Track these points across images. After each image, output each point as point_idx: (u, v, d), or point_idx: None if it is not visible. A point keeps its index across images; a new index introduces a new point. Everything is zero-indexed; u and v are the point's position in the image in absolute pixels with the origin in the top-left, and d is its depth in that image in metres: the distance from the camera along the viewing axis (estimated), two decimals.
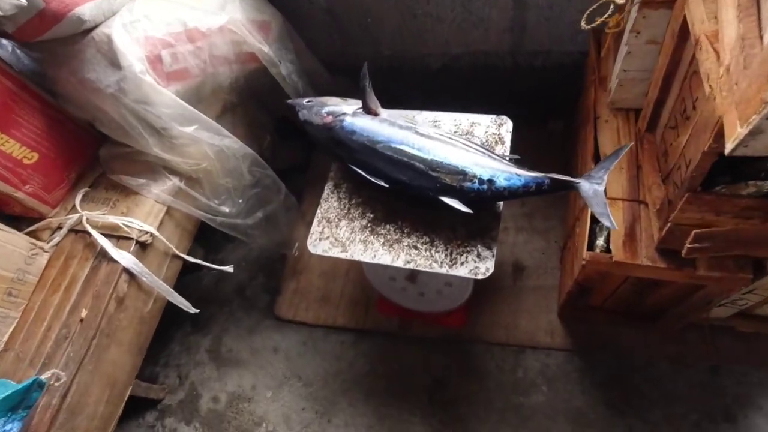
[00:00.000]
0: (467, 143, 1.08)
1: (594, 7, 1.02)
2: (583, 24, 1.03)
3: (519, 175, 1.00)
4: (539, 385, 1.39)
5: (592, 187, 0.94)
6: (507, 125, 1.25)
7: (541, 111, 1.77)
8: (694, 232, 0.83)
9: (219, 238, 1.82)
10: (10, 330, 1.09)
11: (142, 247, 1.19)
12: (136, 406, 1.60)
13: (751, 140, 0.56)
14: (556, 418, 1.34)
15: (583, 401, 1.35)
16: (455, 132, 1.26)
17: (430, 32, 1.57)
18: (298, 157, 1.97)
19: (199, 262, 1.38)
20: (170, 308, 1.34)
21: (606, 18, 1.01)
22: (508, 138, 1.23)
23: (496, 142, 1.23)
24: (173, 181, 1.26)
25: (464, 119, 1.28)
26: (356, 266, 1.69)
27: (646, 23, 0.97)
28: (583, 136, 1.32)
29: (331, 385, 1.52)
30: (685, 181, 0.83)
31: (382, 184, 1.10)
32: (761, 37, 0.59)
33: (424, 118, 1.28)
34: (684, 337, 1.37)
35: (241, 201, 1.43)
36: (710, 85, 0.70)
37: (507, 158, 1.07)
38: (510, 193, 1.01)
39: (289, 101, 1.29)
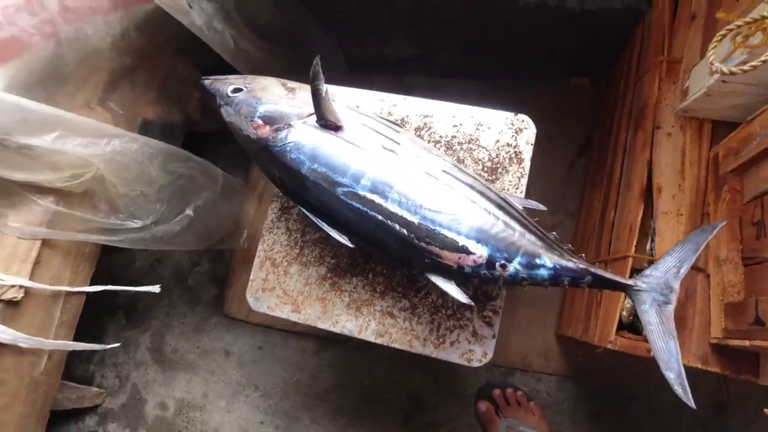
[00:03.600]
0: (473, 186, 0.71)
1: None
2: None
3: (548, 261, 0.68)
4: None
5: (654, 300, 0.63)
6: (529, 132, 0.87)
7: (565, 63, 1.33)
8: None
9: None
10: None
11: (11, 305, 0.86)
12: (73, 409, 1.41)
13: None
14: None
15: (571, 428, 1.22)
16: (453, 138, 0.87)
17: None
18: None
19: (110, 288, 1.06)
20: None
21: None
22: (527, 154, 0.86)
23: (511, 159, 0.86)
24: (44, 205, 0.87)
25: (467, 117, 0.88)
26: None
27: None
28: (626, 146, 0.95)
29: (292, 398, 1.35)
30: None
31: (345, 242, 0.75)
32: None
33: (409, 126, 0.88)
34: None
35: (158, 205, 1.06)
36: None
37: (532, 220, 0.72)
38: (531, 283, 0.69)
39: (205, 82, 0.84)
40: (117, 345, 1.12)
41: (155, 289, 1.13)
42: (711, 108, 0.79)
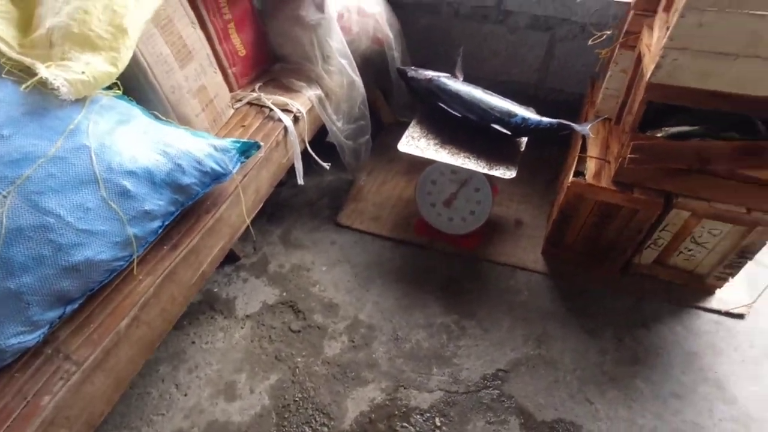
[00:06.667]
0: (513, 102, 1.82)
1: (602, 38, 1.82)
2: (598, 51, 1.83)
3: (541, 120, 1.73)
4: (523, 291, 1.98)
5: (583, 127, 1.68)
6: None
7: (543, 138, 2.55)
8: (632, 143, 1.54)
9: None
10: None
11: (295, 120, 1.85)
12: None
13: (658, 72, 1.31)
14: (531, 312, 1.91)
15: (550, 304, 1.93)
16: None
17: (487, 62, 2.39)
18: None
19: (311, 152, 2.01)
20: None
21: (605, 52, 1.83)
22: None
23: None
24: (319, 92, 1.95)
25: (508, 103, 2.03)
26: (401, 202, 2.33)
27: (622, 58, 1.78)
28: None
29: (372, 269, 2.07)
30: (629, 125, 1.56)
31: (456, 114, 1.81)
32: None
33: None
34: (622, 280, 2.00)
35: (347, 126, 2.12)
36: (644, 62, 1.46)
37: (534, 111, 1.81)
38: (535, 129, 1.73)
39: (399, 67, 2.04)
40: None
41: (326, 165, 2.08)
42: (606, 108, 1.95)
